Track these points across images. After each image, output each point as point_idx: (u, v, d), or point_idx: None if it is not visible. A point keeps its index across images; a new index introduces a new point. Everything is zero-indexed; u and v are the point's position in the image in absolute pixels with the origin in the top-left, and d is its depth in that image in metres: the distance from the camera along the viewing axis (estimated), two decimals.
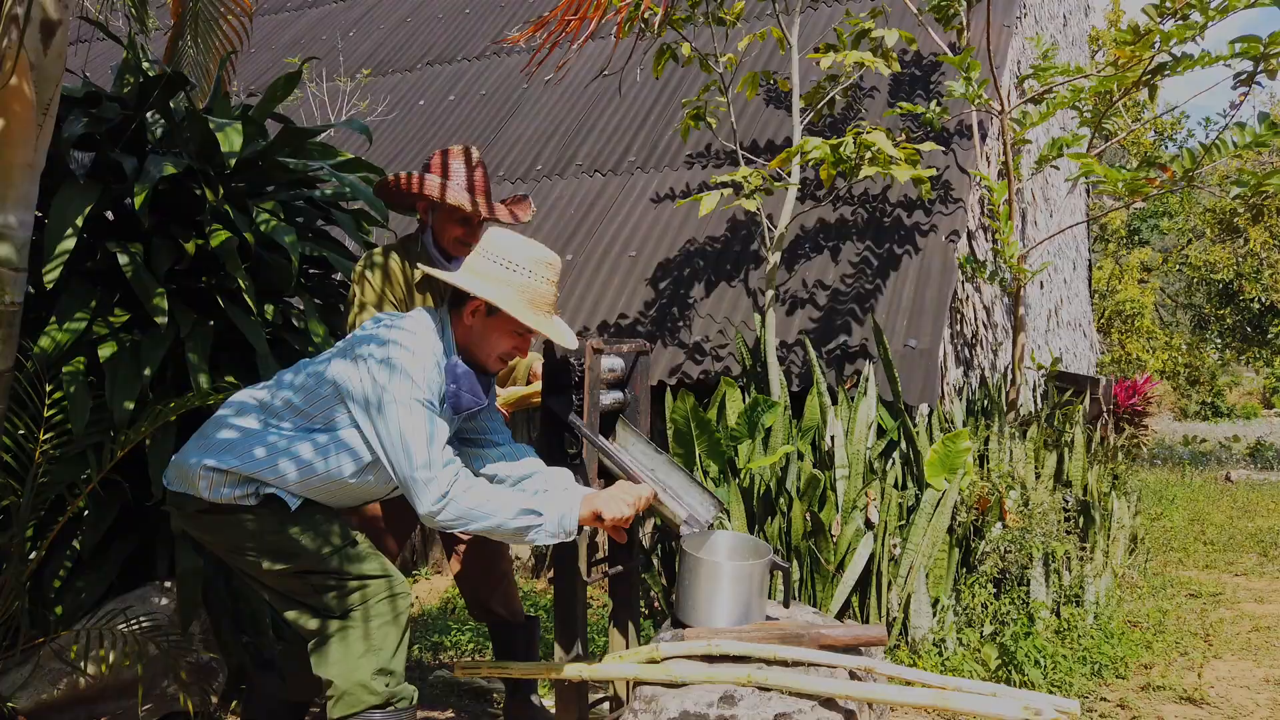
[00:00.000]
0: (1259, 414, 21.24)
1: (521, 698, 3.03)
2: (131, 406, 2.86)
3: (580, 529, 2.18)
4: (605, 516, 2.15)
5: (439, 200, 2.85)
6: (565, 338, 2.31)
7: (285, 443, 2.18)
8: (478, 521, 2.11)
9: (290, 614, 2.27)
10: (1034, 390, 6.20)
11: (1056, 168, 6.90)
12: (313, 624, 2.23)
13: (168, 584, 3.05)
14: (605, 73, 7.21)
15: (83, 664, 2.79)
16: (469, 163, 2.89)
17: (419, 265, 2.47)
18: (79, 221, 2.86)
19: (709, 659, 2.22)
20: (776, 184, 4.67)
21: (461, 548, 3.00)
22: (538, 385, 2.80)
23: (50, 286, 2.85)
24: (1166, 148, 16.17)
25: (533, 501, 2.14)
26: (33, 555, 2.81)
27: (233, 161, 3.10)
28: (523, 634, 3.06)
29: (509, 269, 2.22)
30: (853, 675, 2.20)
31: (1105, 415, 7.34)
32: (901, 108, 5.25)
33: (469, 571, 3.01)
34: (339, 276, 3.85)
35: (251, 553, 2.22)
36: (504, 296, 2.20)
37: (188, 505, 2.22)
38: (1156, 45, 4.61)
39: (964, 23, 5.69)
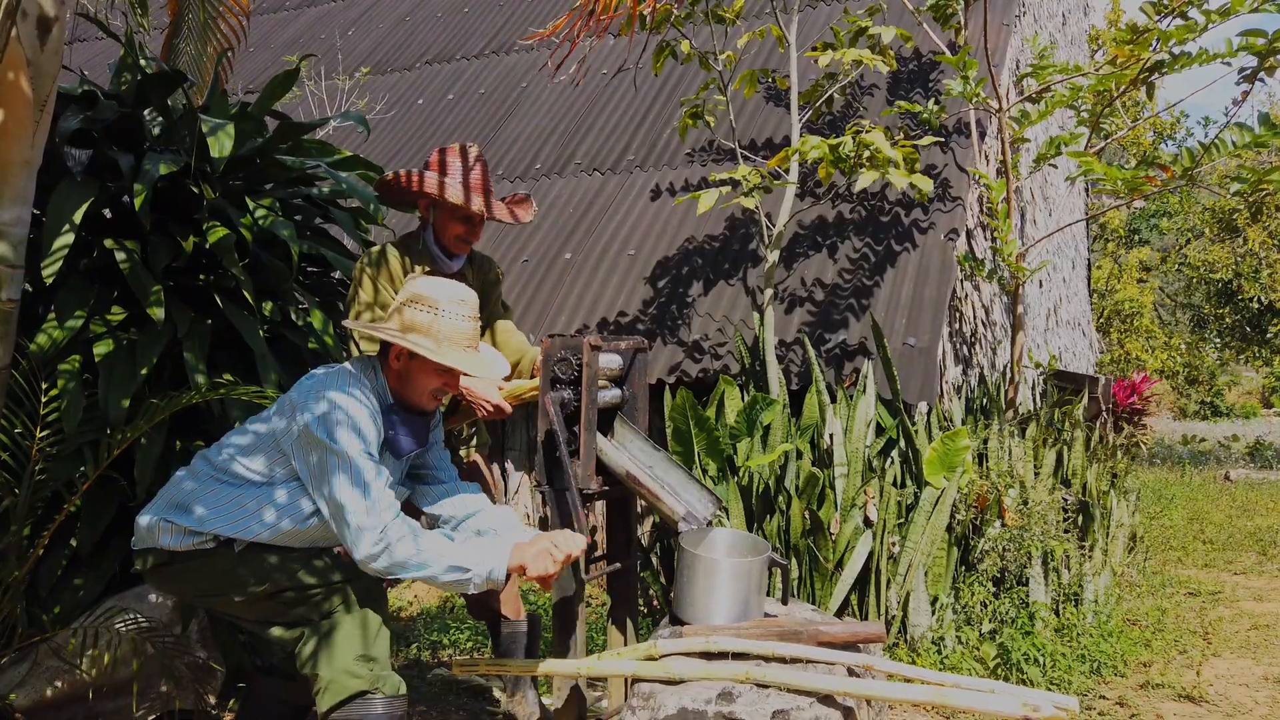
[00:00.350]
0: (1258, 413, 21.23)
1: (522, 695, 3.03)
2: (127, 404, 2.85)
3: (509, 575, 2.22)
4: (530, 573, 2.18)
5: (439, 198, 2.84)
6: (488, 368, 2.38)
7: (252, 499, 2.26)
8: (411, 572, 2.16)
9: (274, 632, 2.32)
10: (1033, 389, 6.19)
11: (1055, 166, 6.90)
12: (295, 633, 2.29)
13: None
14: (609, 72, 7.20)
15: (80, 662, 2.78)
16: (469, 160, 2.89)
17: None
18: (76, 219, 2.85)
19: (707, 656, 2.22)
20: (776, 182, 4.67)
21: None
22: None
23: (48, 284, 2.84)
24: (1166, 147, 16.16)
25: (462, 555, 2.18)
26: (30, 553, 2.80)
27: (221, 166, 3.09)
28: (524, 631, 3.05)
29: (424, 311, 2.29)
30: (851, 672, 2.20)
31: (1104, 414, 7.33)
32: (900, 106, 5.24)
33: None
34: (338, 274, 3.85)
35: (219, 591, 2.30)
36: (419, 340, 2.27)
37: (149, 559, 2.30)
38: (1155, 44, 4.60)
39: (962, 22, 5.69)
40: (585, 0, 3.16)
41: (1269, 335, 15.63)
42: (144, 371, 2.90)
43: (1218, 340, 17.41)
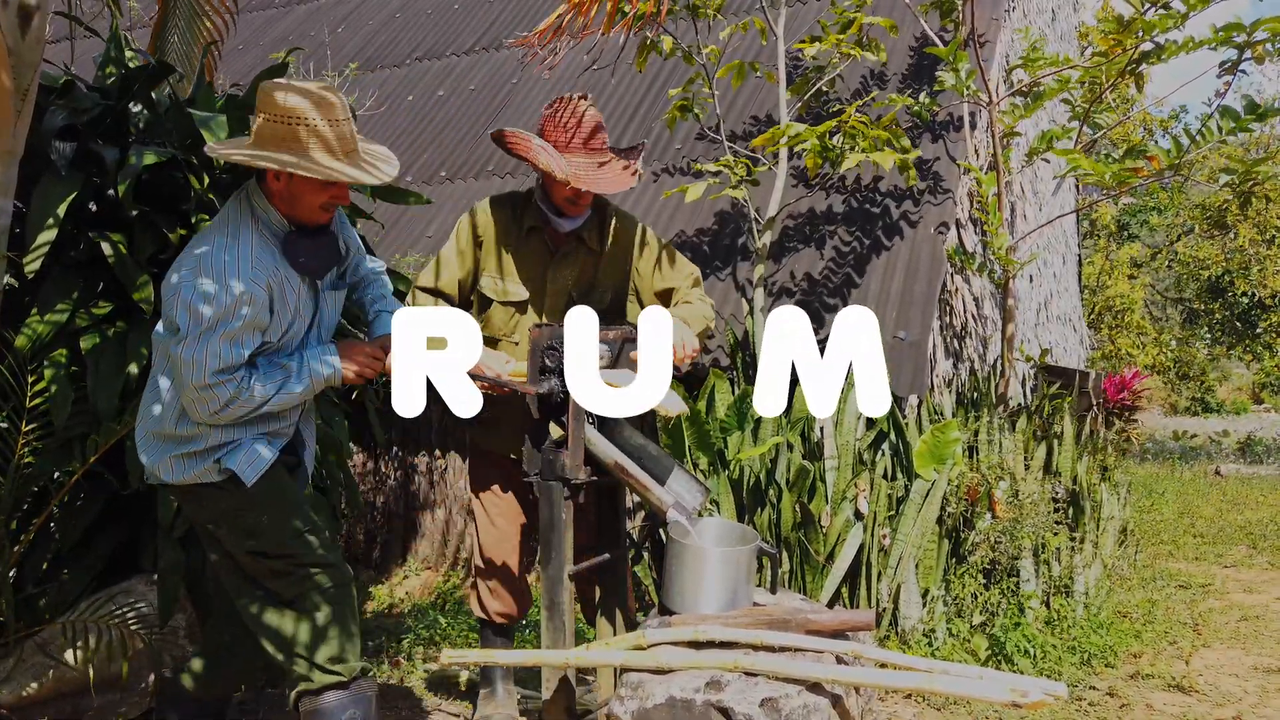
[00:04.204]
0: (1249, 409, 21.30)
1: (489, 692, 3.01)
2: (115, 398, 2.83)
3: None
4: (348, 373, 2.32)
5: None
6: (374, 175, 2.27)
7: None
8: (267, 407, 2.21)
9: (242, 601, 2.32)
10: (1023, 383, 6.19)
11: (1046, 161, 6.90)
12: (256, 609, 2.29)
13: (154, 577, 3.02)
14: (598, 68, 7.18)
15: (67, 657, 2.76)
16: (580, 119, 2.70)
17: None
18: (60, 212, 2.83)
19: (695, 645, 2.21)
20: (761, 169, 4.65)
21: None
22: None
23: (32, 277, 2.82)
24: (1162, 143, 16.19)
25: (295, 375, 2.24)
26: (15, 547, 2.78)
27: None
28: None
29: (290, 124, 2.15)
30: (840, 660, 2.19)
31: (1095, 409, 7.34)
32: (891, 99, 5.23)
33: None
34: None
35: (223, 528, 2.29)
36: (290, 158, 2.14)
37: (169, 487, 2.34)
38: (1140, 34, 4.61)
39: (961, 16, 5.68)
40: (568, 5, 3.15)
41: (1259, 331, 15.69)
42: (134, 370, 2.88)
43: (1208, 336, 17.47)
